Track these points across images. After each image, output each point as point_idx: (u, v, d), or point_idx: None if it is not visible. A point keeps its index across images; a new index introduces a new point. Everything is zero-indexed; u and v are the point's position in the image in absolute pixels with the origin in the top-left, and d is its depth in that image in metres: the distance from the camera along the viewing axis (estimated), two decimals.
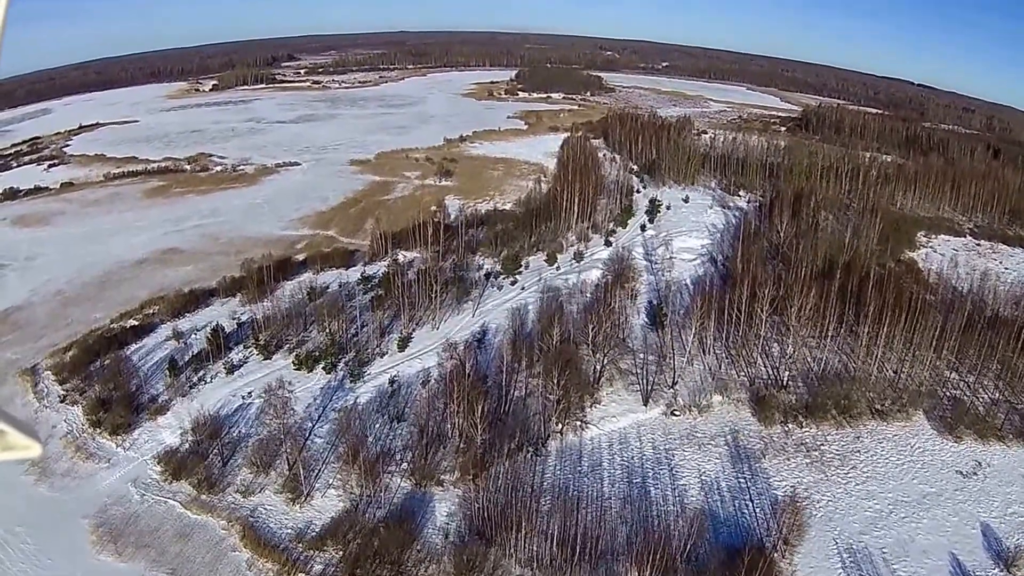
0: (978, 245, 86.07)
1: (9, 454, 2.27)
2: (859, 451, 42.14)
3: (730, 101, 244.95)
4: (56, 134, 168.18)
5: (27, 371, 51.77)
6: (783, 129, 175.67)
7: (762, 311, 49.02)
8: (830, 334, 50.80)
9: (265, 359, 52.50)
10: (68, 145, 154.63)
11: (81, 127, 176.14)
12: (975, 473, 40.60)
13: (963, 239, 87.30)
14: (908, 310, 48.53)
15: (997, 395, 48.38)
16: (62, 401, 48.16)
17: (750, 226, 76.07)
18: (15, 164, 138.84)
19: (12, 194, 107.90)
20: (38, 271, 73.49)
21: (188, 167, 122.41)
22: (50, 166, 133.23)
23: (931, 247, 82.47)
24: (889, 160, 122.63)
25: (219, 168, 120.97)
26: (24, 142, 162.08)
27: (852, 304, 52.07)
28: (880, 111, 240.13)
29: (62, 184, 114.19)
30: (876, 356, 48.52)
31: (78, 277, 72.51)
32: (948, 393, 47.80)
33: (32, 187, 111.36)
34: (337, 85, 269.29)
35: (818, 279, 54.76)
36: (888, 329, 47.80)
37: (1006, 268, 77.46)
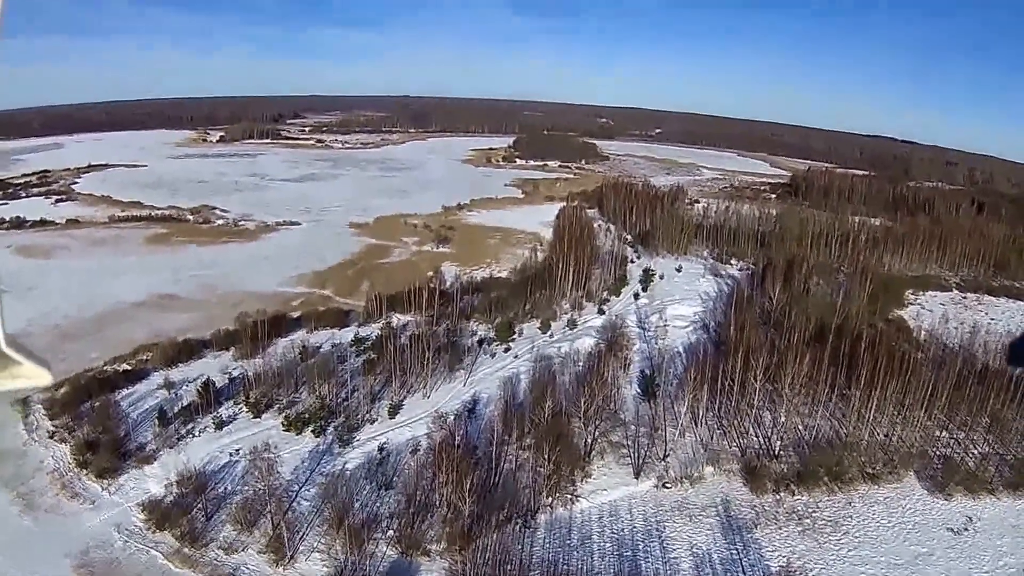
0: (964, 298, 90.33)
1: (21, 382, 2.37)
2: (851, 516, 43.01)
3: (722, 168, 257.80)
4: (66, 170, 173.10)
5: (19, 402, 52.41)
6: (773, 196, 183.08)
7: (755, 380, 50.76)
8: (822, 400, 52.47)
9: (254, 417, 53.18)
10: (76, 182, 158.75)
11: (90, 166, 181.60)
12: (966, 529, 41.72)
13: (950, 294, 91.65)
14: (899, 371, 50.51)
15: (987, 448, 50.13)
16: (51, 437, 49.08)
17: (742, 294, 78.74)
18: (24, 194, 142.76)
19: (19, 223, 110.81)
20: (37, 302, 74.76)
21: (191, 217, 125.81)
22: (57, 201, 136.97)
23: (919, 304, 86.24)
24: (877, 223, 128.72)
25: (221, 221, 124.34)
26: (34, 174, 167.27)
27: (843, 367, 53.91)
28: (867, 172, 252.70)
29: (68, 220, 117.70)
30: (867, 420, 50.22)
31: (76, 314, 74.06)
32: (939, 452, 49.33)
33: (39, 219, 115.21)
34: (340, 145, 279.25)
35: (810, 344, 56.81)
36: (879, 392, 49.66)
37: (992, 319, 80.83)
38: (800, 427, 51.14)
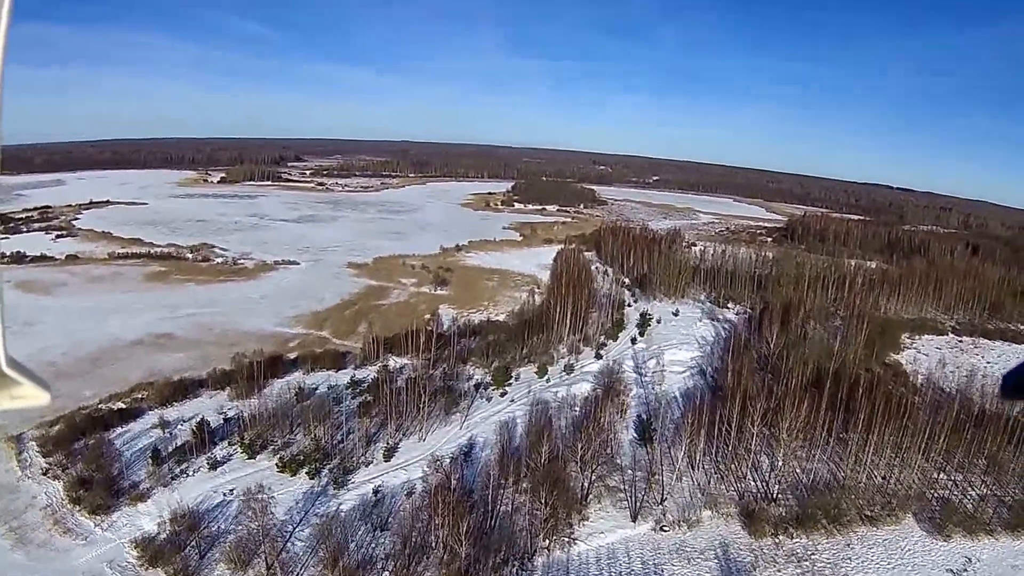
0: (960, 342, 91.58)
1: (20, 402, 2.37)
2: (850, 558, 43.19)
3: (718, 213, 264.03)
4: (67, 206, 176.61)
5: (12, 438, 53.06)
6: (769, 240, 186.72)
7: (752, 425, 51.56)
8: (820, 444, 53.14)
9: (249, 458, 53.50)
10: (77, 219, 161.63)
11: (92, 202, 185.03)
12: (965, 570, 41.99)
13: (945, 337, 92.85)
14: (896, 414, 51.51)
15: (985, 490, 50.65)
16: (44, 474, 49.38)
17: (739, 338, 79.74)
18: (24, 229, 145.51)
19: (19, 258, 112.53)
20: (35, 338, 75.42)
21: (190, 256, 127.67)
22: (58, 236, 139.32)
23: (915, 348, 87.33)
24: (873, 266, 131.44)
25: (220, 260, 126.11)
26: (36, 209, 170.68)
27: (841, 411, 54.83)
28: (862, 217, 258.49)
29: (67, 256, 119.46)
30: (865, 463, 50.91)
31: (73, 351, 74.64)
32: (937, 494, 49.82)
33: (39, 254, 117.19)
34: (340, 188, 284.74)
35: (808, 389, 57.71)
36: (877, 435, 50.52)
37: (988, 362, 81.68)
38: (798, 471, 51.81)
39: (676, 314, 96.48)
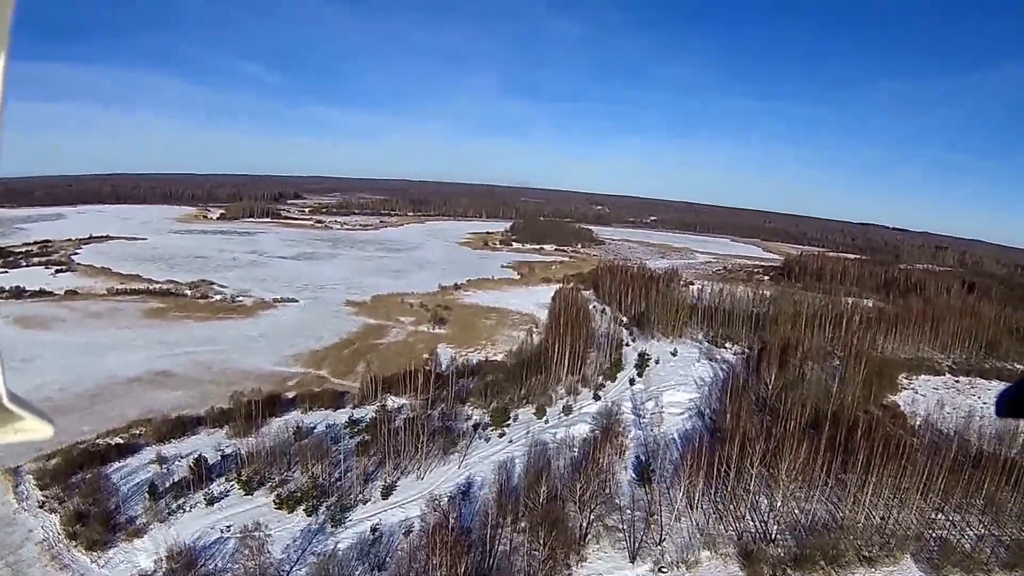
0: (957, 382, 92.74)
1: (23, 435, 2.35)
2: None
3: (715, 252, 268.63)
4: (67, 240, 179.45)
5: (9, 470, 53.87)
6: (767, 278, 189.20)
7: (751, 466, 52.56)
8: (818, 485, 53.98)
9: (246, 495, 54.20)
10: (77, 253, 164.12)
11: (91, 237, 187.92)
12: None
13: (942, 377, 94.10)
14: (894, 455, 52.59)
15: (983, 530, 51.33)
16: (41, 507, 50.02)
17: (738, 379, 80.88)
18: (24, 263, 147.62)
19: (18, 293, 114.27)
20: (32, 374, 76.52)
21: (189, 292, 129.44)
22: (57, 271, 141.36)
23: (913, 388, 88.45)
24: (870, 305, 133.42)
25: (219, 297, 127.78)
26: (36, 243, 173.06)
27: (839, 452, 55.88)
28: (858, 256, 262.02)
29: (66, 291, 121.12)
30: (864, 503, 51.66)
31: (70, 387, 75.66)
32: (935, 534, 50.42)
33: (38, 289, 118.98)
34: (339, 226, 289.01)
35: (806, 431, 58.94)
36: (875, 476, 51.52)
37: (985, 403, 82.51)
38: (797, 511, 52.61)
39: (674, 354, 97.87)
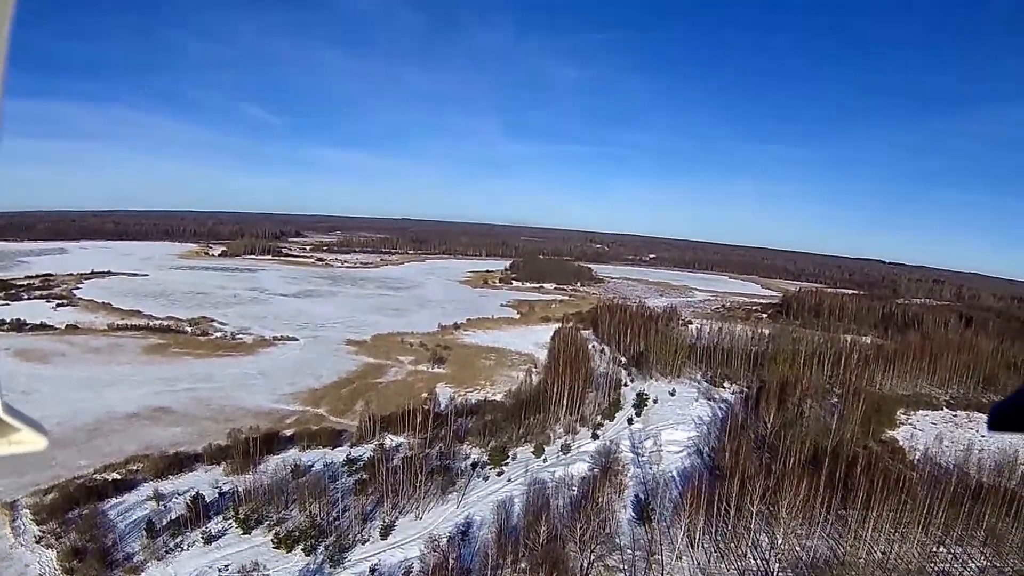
0: (955, 416, 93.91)
1: (18, 447, 2.33)
2: None
3: (713, 290, 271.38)
4: (68, 275, 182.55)
5: (6, 505, 54.96)
6: (765, 316, 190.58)
7: (751, 504, 53.13)
8: (819, 521, 54.44)
9: (244, 533, 54.68)
10: (78, 288, 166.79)
11: (93, 272, 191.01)
12: None
13: (940, 412, 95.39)
14: (894, 490, 53.29)
15: (984, 562, 51.64)
16: (37, 542, 50.74)
17: (736, 418, 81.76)
18: (25, 296, 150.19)
19: (19, 326, 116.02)
20: (31, 407, 75.40)
21: (189, 329, 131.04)
22: (58, 305, 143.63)
23: (911, 423, 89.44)
24: (868, 341, 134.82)
25: (219, 334, 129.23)
26: (37, 276, 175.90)
27: (839, 489, 56.57)
28: (856, 292, 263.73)
29: (67, 325, 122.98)
30: (864, 539, 52.16)
31: (69, 421, 76.63)
32: (936, 567, 50.73)
33: (39, 323, 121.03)
34: (340, 264, 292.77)
35: (806, 468, 59.70)
36: (875, 511, 52.12)
37: (983, 436, 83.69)
38: (798, 548, 53.07)
39: (673, 393, 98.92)
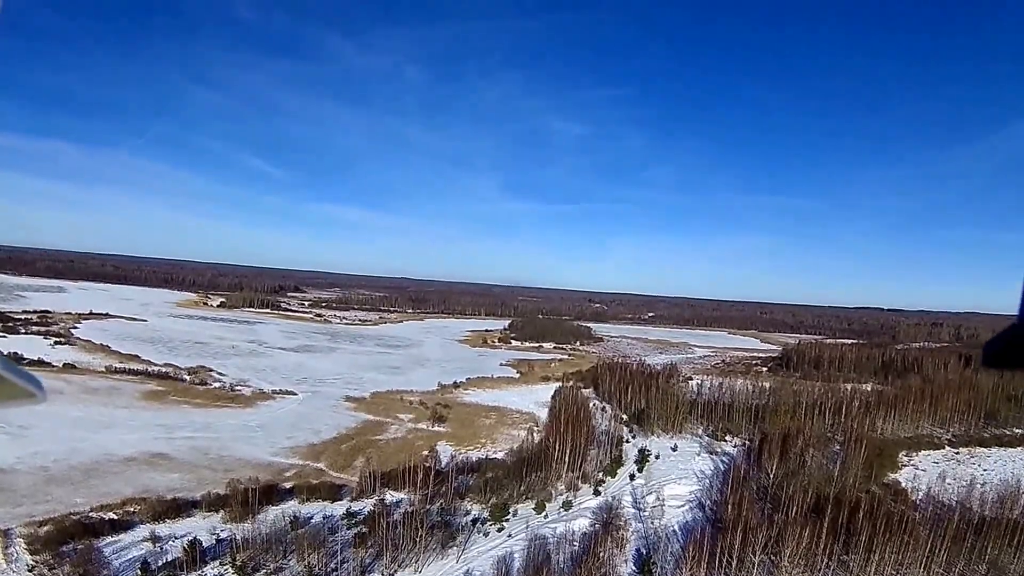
0: (957, 454, 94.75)
1: (13, 402, 2.39)
2: None
3: (713, 346, 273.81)
4: (67, 313, 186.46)
5: (0, 532, 55.49)
6: (765, 369, 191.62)
7: (753, 554, 53.79)
8: (821, 568, 54.61)
9: None
10: (76, 327, 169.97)
11: (91, 313, 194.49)
12: None
13: (943, 451, 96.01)
14: (896, 531, 54.07)
15: None
16: (30, 571, 52.00)
17: (738, 470, 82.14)
18: (23, 331, 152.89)
19: (16, 360, 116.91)
20: (28, 442, 79.61)
21: (187, 377, 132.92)
22: (56, 343, 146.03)
23: (913, 465, 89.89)
24: (868, 388, 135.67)
25: (217, 385, 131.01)
26: (35, 312, 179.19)
27: (842, 535, 57.18)
28: (855, 341, 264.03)
29: (64, 364, 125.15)
30: None
31: (65, 459, 78.21)
32: None
33: (36, 359, 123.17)
34: (338, 320, 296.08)
35: (808, 516, 60.52)
36: (878, 555, 52.75)
37: (985, 470, 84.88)
38: None
39: (675, 449, 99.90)
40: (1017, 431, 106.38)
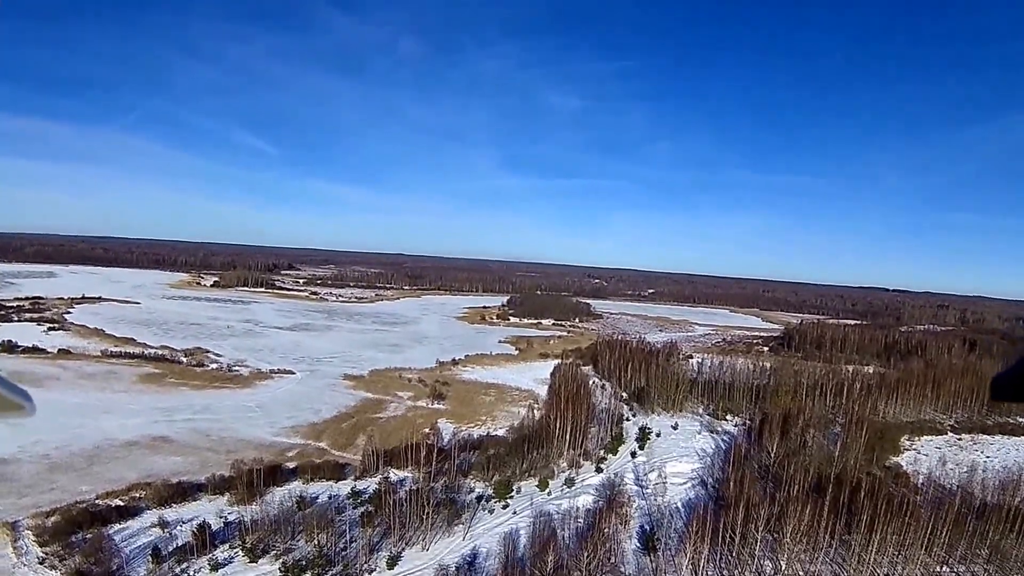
0: (959, 440, 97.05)
1: (2, 416, 2.39)
2: None
3: (714, 324, 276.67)
4: (59, 299, 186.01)
5: (8, 525, 56.85)
6: (766, 349, 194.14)
7: (756, 531, 55.22)
8: (822, 547, 56.20)
9: (251, 562, 56.37)
10: (69, 313, 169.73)
11: (84, 297, 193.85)
12: None
13: (945, 436, 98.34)
14: (898, 513, 55.48)
15: None
16: (41, 563, 52.52)
17: (739, 449, 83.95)
18: (15, 318, 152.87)
19: (10, 347, 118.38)
20: (28, 431, 79.95)
21: (184, 359, 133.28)
22: (50, 329, 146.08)
23: (915, 449, 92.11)
24: (870, 371, 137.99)
25: (214, 366, 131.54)
26: (27, 299, 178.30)
27: (843, 514, 58.63)
28: (859, 322, 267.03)
29: (60, 350, 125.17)
30: (868, 562, 54.08)
31: (67, 446, 78.81)
32: None
33: (30, 346, 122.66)
34: (334, 298, 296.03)
35: (809, 495, 61.85)
36: (879, 535, 54.19)
37: (988, 457, 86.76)
38: (801, 573, 54.99)
39: (675, 427, 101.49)
40: (1021, 420, 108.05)
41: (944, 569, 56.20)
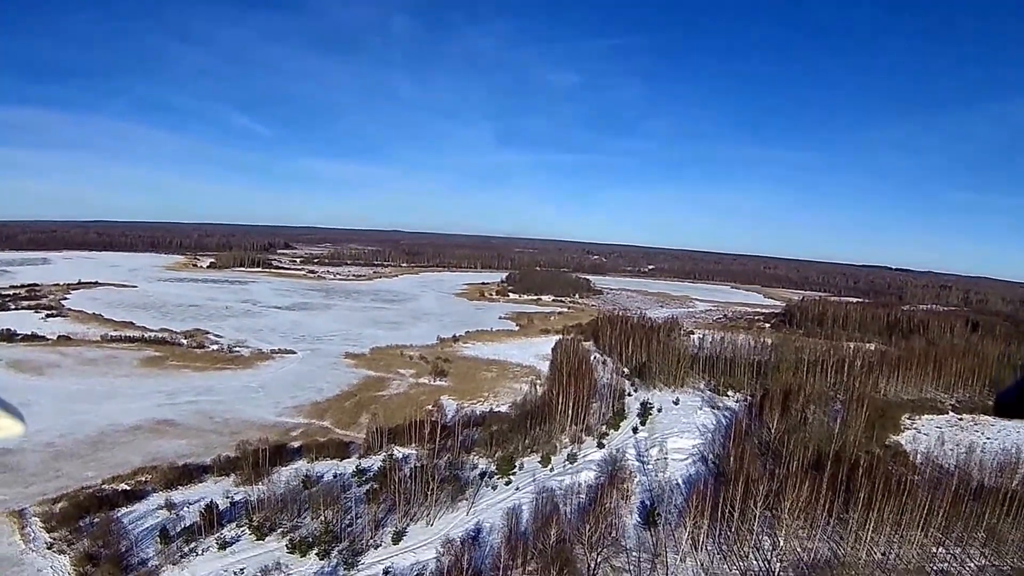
0: (960, 420, 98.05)
1: None
2: None
3: (715, 300, 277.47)
4: (55, 285, 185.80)
5: (15, 513, 57.70)
6: (768, 326, 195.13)
7: (755, 507, 56.19)
8: (820, 523, 57.35)
9: (258, 539, 57.43)
10: (67, 298, 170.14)
11: (81, 283, 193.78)
12: None
13: (946, 416, 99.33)
14: (895, 492, 56.33)
15: (984, 561, 54.76)
16: (49, 548, 53.49)
17: (740, 425, 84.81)
18: (12, 306, 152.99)
19: (9, 336, 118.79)
20: (31, 419, 76.91)
21: (184, 342, 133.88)
22: (48, 316, 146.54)
23: (915, 428, 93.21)
24: (872, 348, 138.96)
25: (215, 347, 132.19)
26: (23, 287, 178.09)
27: (841, 492, 59.53)
28: (861, 300, 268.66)
29: (59, 336, 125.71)
30: (865, 540, 55.18)
31: (70, 433, 79.54)
32: (936, 567, 53.68)
33: (29, 333, 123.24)
34: (332, 276, 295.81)
35: (809, 472, 62.69)
36: (876, 513, 55.21)
37: (988, 438, 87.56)
38: (799, 549, 56.05)
39: (676, 403, 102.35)
40: None
41: (940, 550, 56.97)
